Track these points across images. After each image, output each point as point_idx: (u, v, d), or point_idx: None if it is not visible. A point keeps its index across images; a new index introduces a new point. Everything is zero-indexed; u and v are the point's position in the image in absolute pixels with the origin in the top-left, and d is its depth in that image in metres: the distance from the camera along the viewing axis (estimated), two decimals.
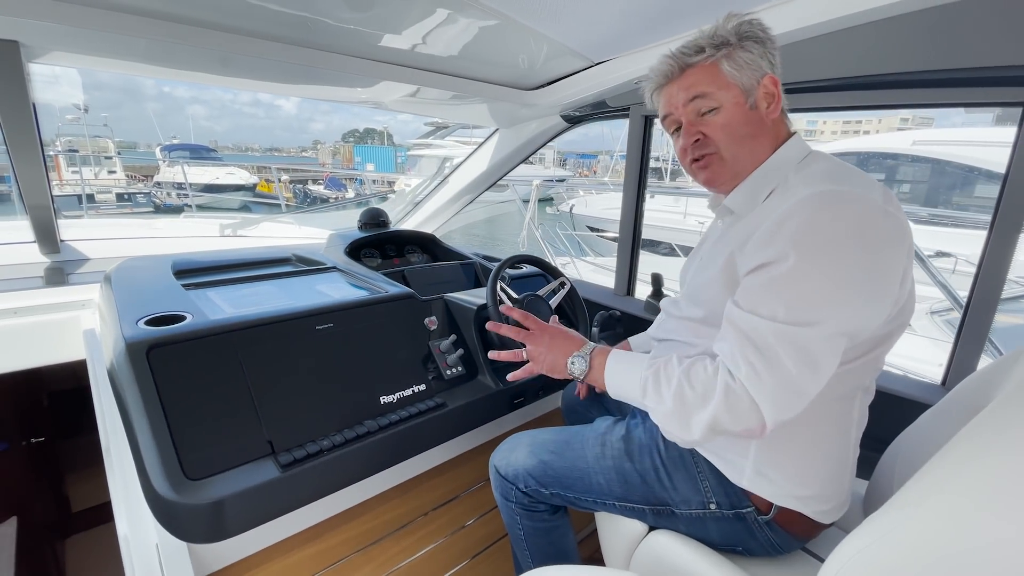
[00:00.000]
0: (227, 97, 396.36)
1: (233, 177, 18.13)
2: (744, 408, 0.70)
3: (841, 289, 0.68)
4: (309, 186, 21.38)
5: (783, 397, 0.69)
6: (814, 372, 0.68)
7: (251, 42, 1.26)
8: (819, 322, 0.68)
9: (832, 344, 0.69)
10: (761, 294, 0.71)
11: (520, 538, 1.05)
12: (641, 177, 1.71)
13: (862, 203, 0.69)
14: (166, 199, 15.66)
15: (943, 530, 0.59)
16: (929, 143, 6.54)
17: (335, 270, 1.63)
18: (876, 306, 0.71)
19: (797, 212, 0.70)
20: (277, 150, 77.42)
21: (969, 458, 0.60)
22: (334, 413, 1.10)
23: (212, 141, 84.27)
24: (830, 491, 0.82)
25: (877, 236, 0.69)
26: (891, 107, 1.21)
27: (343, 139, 73.82)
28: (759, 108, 0.81)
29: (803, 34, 1.15)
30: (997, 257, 1.10)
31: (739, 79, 0.80)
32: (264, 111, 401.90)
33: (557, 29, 1.34)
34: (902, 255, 0.71)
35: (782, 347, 0.68)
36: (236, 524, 0.92)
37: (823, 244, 0.68)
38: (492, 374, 1.37)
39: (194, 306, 1.17)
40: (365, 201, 14.02)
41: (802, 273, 0.68)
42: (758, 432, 0.71)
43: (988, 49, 1.02)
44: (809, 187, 0.72)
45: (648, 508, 0.91)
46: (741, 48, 0.80)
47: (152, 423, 0.91)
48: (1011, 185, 1.07)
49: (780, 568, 0.87)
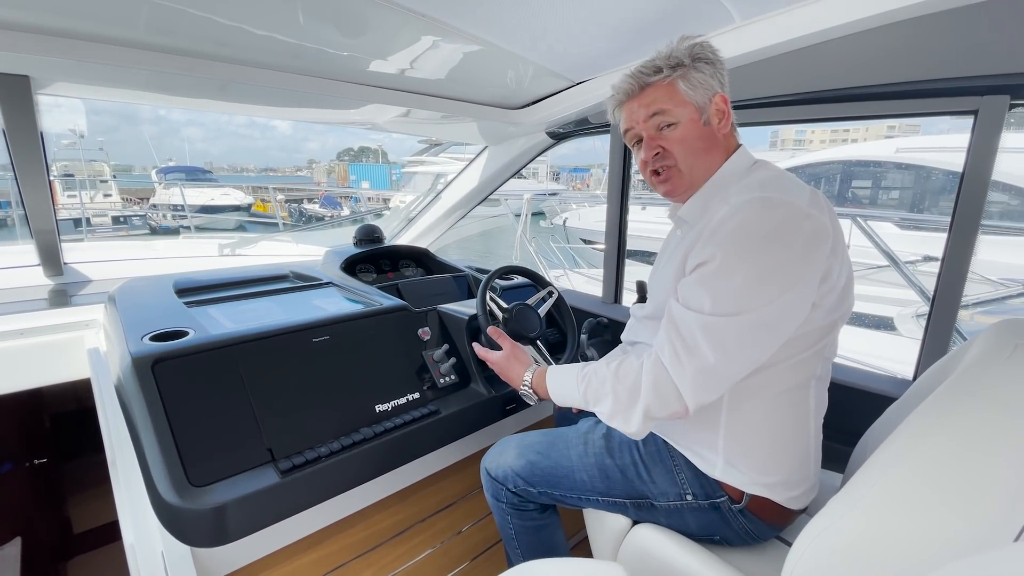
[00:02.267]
0: (222, 119, 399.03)
1: (229, 198, 18.28)
2: (669, 393, 0.79)
3: (760, 283, 0.76)
4: (304, 205, 21.52)
5: (701, 381, 0.77)
6: (730, 359, 0.77)
7: (248, 71, 1.33)
8: (740, 313, 0.76)
9: (752, 334, 0.77)
10: (692, 289, 0.80)
11: (511, 537, 1.09)
12: (624, 189, 1.79)
13: (785, 207, 0.78)
14: (162, 221, 15.74)
15: (890, 508, 0.65)
16: (912, 150, 6.70)
17: (331, 285, 1.69)
18: (793, 298, 0.78)
19: (729, 217, 0.79)
20: (272, 170, 77.93)
21: (912, 442, 0.66)
22: (331, 421, 1.14)
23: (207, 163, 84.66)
24: (796, 477, 0.88)
25: (796, 237, 0.77)
26: (857, 119, 1.29)
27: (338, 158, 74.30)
28: (712, 124, 0.90)
29: (771, 52, 1.23)
30: (957, 256, 1.16)
31: (693, 97, 0.88)
32: (259, 132, 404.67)
33: (539, 53, 1.42)
34: (822, 253, 0.79)
35: (704, 336, 0.76)
36: (238, 528, 0.96)
37: (746, 245, 0.77)
38: (484, 382, 1.42)
39: (195, 322, 1.22)
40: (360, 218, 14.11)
41: (727, 270, 0.77)
42: (682, 414, 0.80)
43: (942, 63, 1.10)
44: (743, 195, 0.81)
45: (629, 502, 0.96)
46: (695, 69, 0.88)
47: (158, 433, 0.95)
48: (966, 187, 1.14)
49: (756, 555, 0.91)
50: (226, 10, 1.05)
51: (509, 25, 1.22)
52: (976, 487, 0.61)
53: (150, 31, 1.12)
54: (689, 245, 0.86)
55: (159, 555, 1.04)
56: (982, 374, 0.67)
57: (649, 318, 0.98)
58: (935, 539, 0.60)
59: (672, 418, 0.82)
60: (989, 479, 0.60)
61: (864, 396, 1.25)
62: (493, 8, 1.13)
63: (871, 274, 4.13)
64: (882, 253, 3.09)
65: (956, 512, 0.61)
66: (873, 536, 0.65)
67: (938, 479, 0.62)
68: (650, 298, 1.00)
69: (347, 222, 11.27)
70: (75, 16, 1.04)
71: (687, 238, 0.90)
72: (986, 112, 1.07)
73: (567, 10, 1.17)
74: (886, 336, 3.91)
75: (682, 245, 0.90)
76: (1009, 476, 0.59)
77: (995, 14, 0.95)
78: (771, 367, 0.84)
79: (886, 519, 0.64)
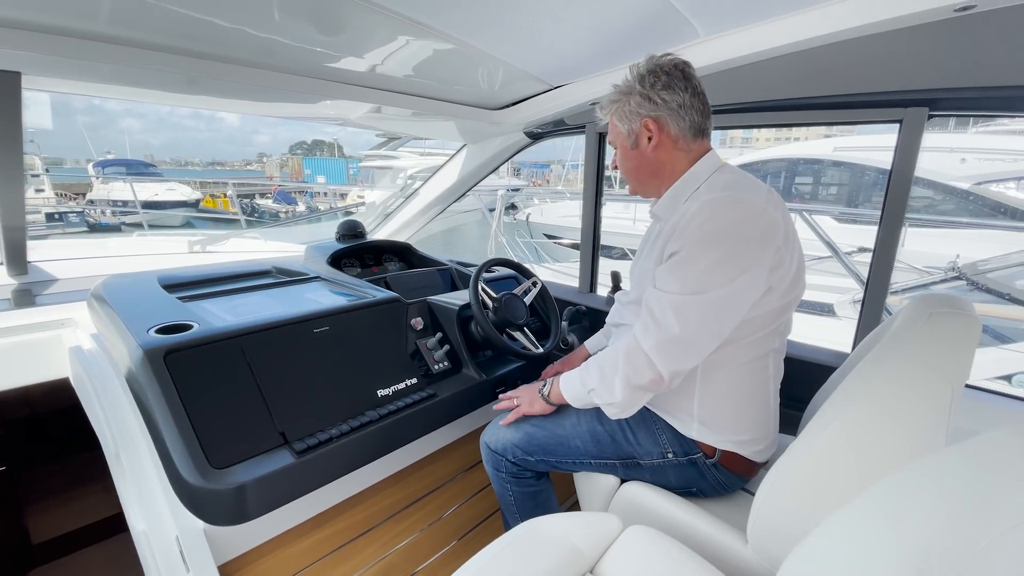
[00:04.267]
0: (163, 110, 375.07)
1: (175, 193, 17.36)
2: (640, 360, 0.94)
3: (720, 267, 0.90)
4: (257, 200, 20.68)
5: (669, 349, 0.92)
6: (693, 330, 0.91)
7: (219, 66, 1.32)
8: (702, 292, 0.90)
9: (713, 309, 0.91)
10: (665, 275, 0.95)
11: (511, 503, 1.19)
12: (598, 187, 1.92)
13: (744, 205, 0.93)
14: (101, 217, 14.79)
15: (834, 448, 0.80)
16: (848, 149, 7.24)
17: (319, 279, 1.73)
18: (749, 280, 0.92)
19: (697, 214, 0.93)
20: (220, 164, 74.26)
21: (850, 394, 0.81)
22: (337, 406, 1.21)
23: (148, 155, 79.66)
24: (760, 434, 1.03)
25: (753, 230, 0.92)
26: (800, 125, 1.46)
27: (290, 151, 71.70)
28: (640, 146, 1.06)
29: (730, 64, 1.37)
30: (886, 245, 1.35)
31: (623, 126, 1.07)
32: (204, 124, 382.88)
33: (520, 58, 1.52)
34: (774, 244, 0.93)
35: (672, 312, 0.91)
36: (257, 506, 1.02)
37: (710, 237, 0.92)
38: (475, 367, 1.51)
39: (196, 316, 1.25)
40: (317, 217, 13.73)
41: (693, 258, 0.92)
42: (659, 381, 0.94)
43: (872, 79, 1.28)
44: (709, 194, 0.96)
45: (619, 462, 1.09)
46: (627, 102, 1.05)
47: (177, 421, 1.00)
48: (893, 186, 1.32)
49: (726, 503, 1.06)
50: (198, 4, 1.04)
51: (493, 31, 1.30)
52: (904, 423, 0.76)
53: (117, 24, 1.10)
54: (665, 237, 1.00)
55: (174, 540, 1.08)
56: (904, 337, 0.83)
57: (632, 303, 1.11)
58: (875, 467, 0.76)
59: (653, 386, 0.95)
60: (914, 413, 0.76)
61: (810, 367, 1.43)
62: (479, 14, 1.21)
63: (814, 264, 4.49)
64: (825, 244, 3.39)
65: (888, 445, 0.76)
66: (821, 472, 0.80)
67: (875, 421, 0.78)
68: (632, 285, 1.14)
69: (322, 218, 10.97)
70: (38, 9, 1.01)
71: (663, 231, 1.04)
72: (909, 121, 1.26)
73: (548, 19, 1.26)
74: (828, 320, 4.27)
75: (660, 238, 1.04)
76: (929, 408, 0.75)
77: (917, 38, 1.13)
78: (736, 342, 0.98)
79: (829, 458, 0.79)
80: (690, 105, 1.02)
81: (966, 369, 0.79)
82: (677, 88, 1.02)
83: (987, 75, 1.11)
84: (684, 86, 1.02)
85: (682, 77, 1.03)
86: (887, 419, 0.79)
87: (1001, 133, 7.27)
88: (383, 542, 1.35)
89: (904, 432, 0.78)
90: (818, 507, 0.82)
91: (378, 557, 1.32)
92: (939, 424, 0.77)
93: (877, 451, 0.79)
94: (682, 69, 1.04)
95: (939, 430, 0.76)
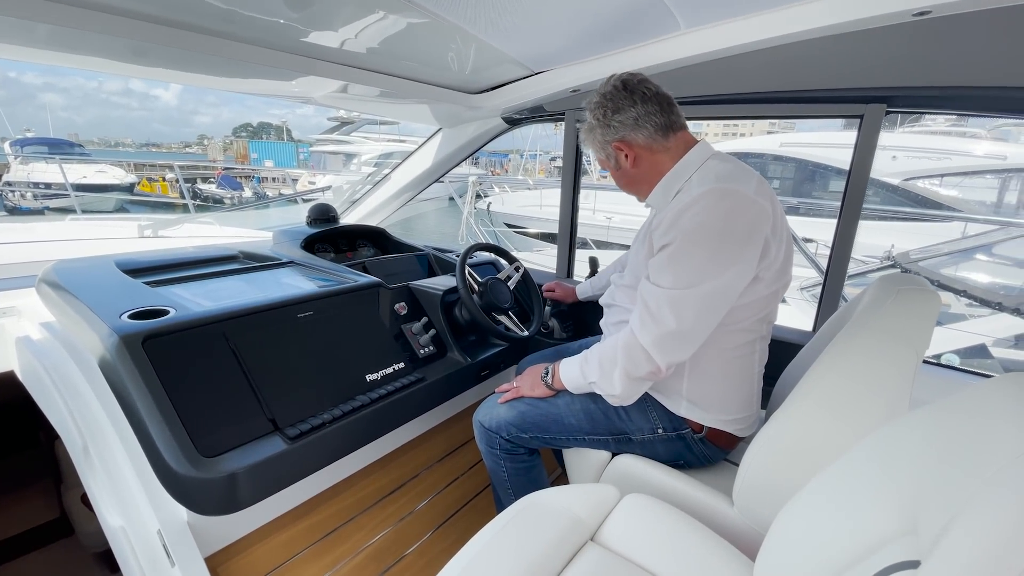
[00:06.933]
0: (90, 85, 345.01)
1: (105, 175, 16.07)
2: (639, 355, 0.98)
3: (711, 260, 0.94)
4: (199, 185, 19.45)
5: (666, 343, 0.96)
6: (689, 323, 0.95)
7: (168, 31, 1.19)
8: (695, 285, 0.94)
9: (707, 301, 0.95)
10: (657, 269, 0.99)
11: (504, 479, 1.22)
12: (576, 174, 1.95)
13: (734, 197, 0.96)
14: (21, 201, 13.51)
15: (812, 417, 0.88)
16: (793, 145, 7.66)
17: (292, 264, 1.68)
18: (738, 270, 0.95)
19: (687, 207, 0.96)
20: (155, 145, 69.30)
21: (825, 368, 0.89)
22: (327, 391, 1.19)
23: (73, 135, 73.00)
24: (744, 414, 1.10)
25: (742, 222, 0.95)
26: (768, 118, 1.54)
27: (234, 133, 67.86)
28: (622, 166, 1.11)
29: (706, 57, 1.43)
30: (845, 237, 1.46)
31: (602, 155, 1.13)
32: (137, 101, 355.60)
33: (502, 41, 1.51)
34: (762, 234, 0.96)
35: (667, 306, 0.95)
36: (250, 494, 1.00)
37: (700, 230, 0.94)
38: (460, 351, 1.52)
39: (170, 301, 1.19)
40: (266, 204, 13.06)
41: (684, 252, 0.95)
42: (658, 373, 0.99)
43: (836, 75, 1.36)
44: (700, 187, 0.98)
45: (611, 438, 1.13)
46: (593, 136, 1.11)
47: (161, 409, 0.95)
48: (853, 177, 1.43)
49: (711, 473, 1.14)
50: None
51: (476, 10, 1.29)
52: (875, 390, 0.84)
53: None
54: (657, 224, 1.04)
55: (155, 534, 1.04)
56: (874, 313, 0.91)
57: (627, 286, 1.16)
58: (849, 433, 0.83)
59: (651, 377, 1.00)
60: (884, 381, 0.84)
61: (779, 345, 1.52)
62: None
63: None
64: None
65: (862, 410, 0.84)
66: (802, 439, 0.87)
67: (847, 390, 0.85)
68: (628, 270, 1.19)
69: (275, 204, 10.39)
70: None
71: (655, 219, 1.08)
72: (869, 117, 1.36)
73: (532, 3, 1.27)
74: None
75: (652, 225, 1.09)
76: (897, 376, 0.83)
77: (878, 39, 1.22)
78: (724, 329, 1.03)
79: (809, 426, 0.87)
80: (644, 113, 1.05)
81: (928, 339, 0.88)
82: (625, 106, 1.06)
83: (941, 76, 1.21)
84: (631, 100, 1.06)
85: (627, 93, 1.07)
86: (861, 387, 0.86)
87: (925, 133, 7.91)
88: (372, 526, 1.34)
89: (875, 398, 0.86)
90: (800, 470, 0.89)
91: (368, 541, 1.31)
92: (904, 391, 0.85)
93: (851, 417, 0.86)
94: (624, 84, 1.08)
95: (903, 396, 0.85)
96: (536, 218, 8.34)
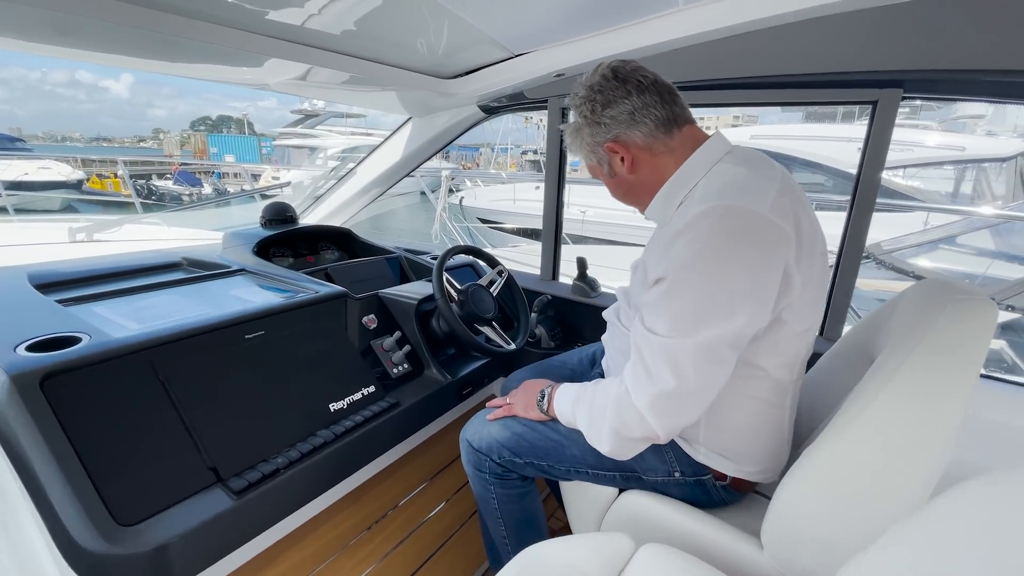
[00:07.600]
0: (33, 76, 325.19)
1: (50, 172, 15.05)
2: (631, 416, 0.81)
3: (710, 301, 0.75)
4: (154, 181, 18.46)
5: (662, 405, 0.78)
6: (690, 382, 0.76)
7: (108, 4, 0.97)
8: (694, 333, 0.75)
9: (709, 353, 0.76)
10: (651, 310, 0.80)
11: (493, 507, 1.06)
12: (560, 168, 1.79)
13: (741, 218, 0.75)
14: None
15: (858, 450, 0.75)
16: (763, 137, 7.70)
17: (243, 272, 1.47)
18: (748, 311, 0.76)
19: (684, 232, 0.76)
20: (106, 140, 65.80)
21: (868, 402, 0.76)
22: (283, 428, 1.00)
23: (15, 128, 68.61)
24: (773, 464, 0.94)
25: (752, 249, 0.74)
26: (775, 104, 1.42)
27: (192, 127, 65.07)
28: (618, 172, 0.92)
29: (707, 37, 1.29)
30: (856, 231, 1.35)
31: (593, 160, 0.94)
32: (86, 93, 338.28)
33: (479, 18, 1.34)
34: (779, 265, 0.76)
35: (663, 358, 0.76)
36: (186, 568, 0.81)
37: (696, 262, 0.75)
38: (439, 368, 1.35)
39: (85, 324, 0.98)
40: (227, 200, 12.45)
41: (679, 290, 0.76)
42: (656, 439, 0.83)
43: (850, 58, 1.24)
44: (701, 203, 0.78)
45: (619, 474, 0.98)
46: (581, 138, 0.92)
47: (63, 467, 0.76)
48: (865, 173, 1.32)
49: (734, 509, 0.99)
50: None
51: None
52: (932, 415, 0.73)
53: None
54: (653, 248, 0.90)
55: None
56: (924, 327, 0.79)
57: (629, 306, 1.00)
58: (905, 464, 0.71)
59: (647, 441, 0.85)
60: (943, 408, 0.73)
61: None
62: None
63: None
64: None
65: (917, 439, 0.72)
66: (848, 472, 0.75)
67: (902, 417, 0.74)
68: (631, 283, 1.02)
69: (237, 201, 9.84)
70: None
71: (656, 234, 0.94)
72: (883, 103, 1.24)
73: None
74: None
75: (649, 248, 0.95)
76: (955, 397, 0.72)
77: (891, 17, 1.10)
78: (745, 377, 0.85)
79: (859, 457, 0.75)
80: (641, 105, 0.86)
81: (985, 353, 0.77)
82: (618, 98, 0.86)
83: (964, 58, 1.10)
84: (624, 91, 0.86)
85: (619, 83, 0.87)
86: (915, 413, 0.74)
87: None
88: (348, 569, 1.17)
89: (932, 424, 0.74)
90: (848, 511, 0.76)
91: None
92: (960, 412, 0.74)
93: (906, 446, 0.74)
94: (615, 72, 0.88)
95: (960, 418, 0.73)
96: (510, 212, 8.17)
